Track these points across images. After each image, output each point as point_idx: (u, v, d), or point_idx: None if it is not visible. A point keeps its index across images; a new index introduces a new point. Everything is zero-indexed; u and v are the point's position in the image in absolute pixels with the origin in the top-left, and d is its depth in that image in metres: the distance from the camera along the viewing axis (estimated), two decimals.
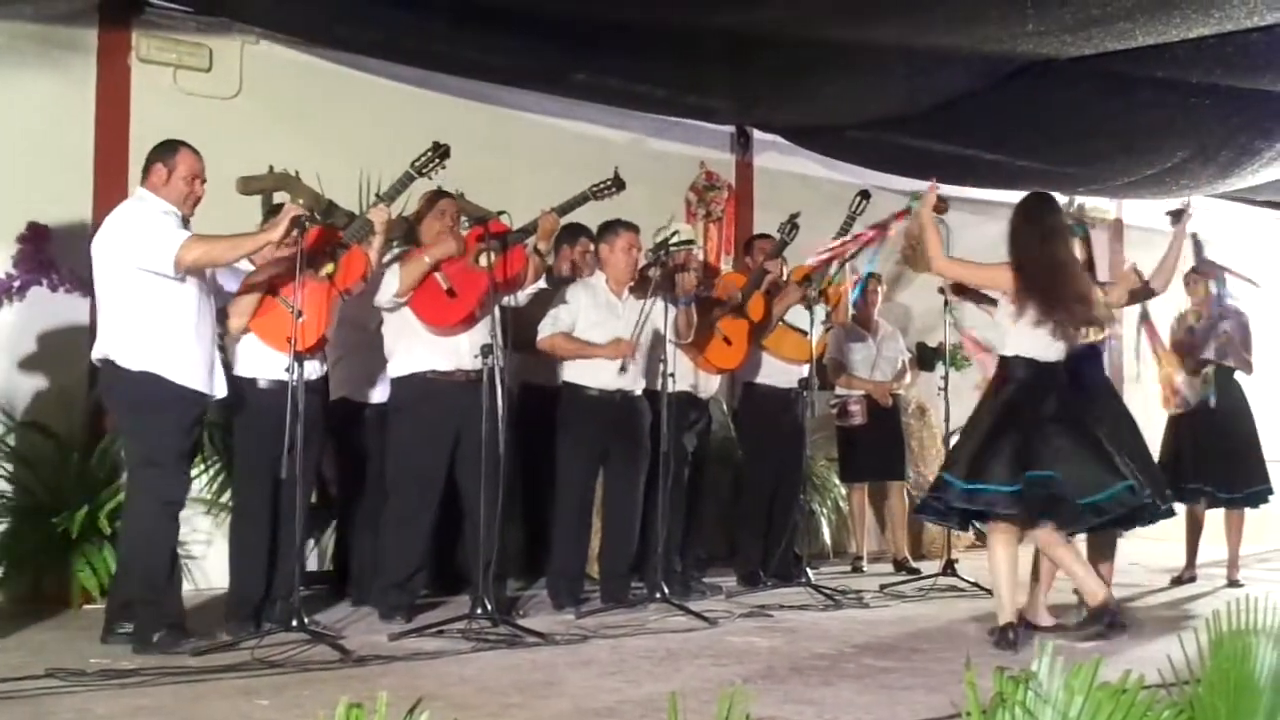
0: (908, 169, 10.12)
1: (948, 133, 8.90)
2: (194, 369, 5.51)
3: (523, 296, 6.57)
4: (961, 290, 6.75)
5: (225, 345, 5.86)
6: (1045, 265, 6.05)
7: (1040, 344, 6.06)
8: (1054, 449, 5.91)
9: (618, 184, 6.75)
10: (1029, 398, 6.04)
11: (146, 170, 5.66)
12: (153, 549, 5.48)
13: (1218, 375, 8.58)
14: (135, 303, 5.45)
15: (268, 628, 5.62)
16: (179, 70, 7.62)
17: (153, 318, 5.44)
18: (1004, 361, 6.18)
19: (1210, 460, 8.49)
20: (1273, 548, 11.54)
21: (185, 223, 5.65)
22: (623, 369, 6.84)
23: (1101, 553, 6.99)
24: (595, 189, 6.71)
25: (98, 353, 5.56)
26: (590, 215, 7.17)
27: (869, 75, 7.98)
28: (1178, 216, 7.09)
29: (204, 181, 5.74)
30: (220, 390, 5.67)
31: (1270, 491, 8.70)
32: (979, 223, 9.51)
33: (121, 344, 5.46)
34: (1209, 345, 8.57)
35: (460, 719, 4.08)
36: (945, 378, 8.73)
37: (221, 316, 5.78)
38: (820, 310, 7.75)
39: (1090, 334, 6.40)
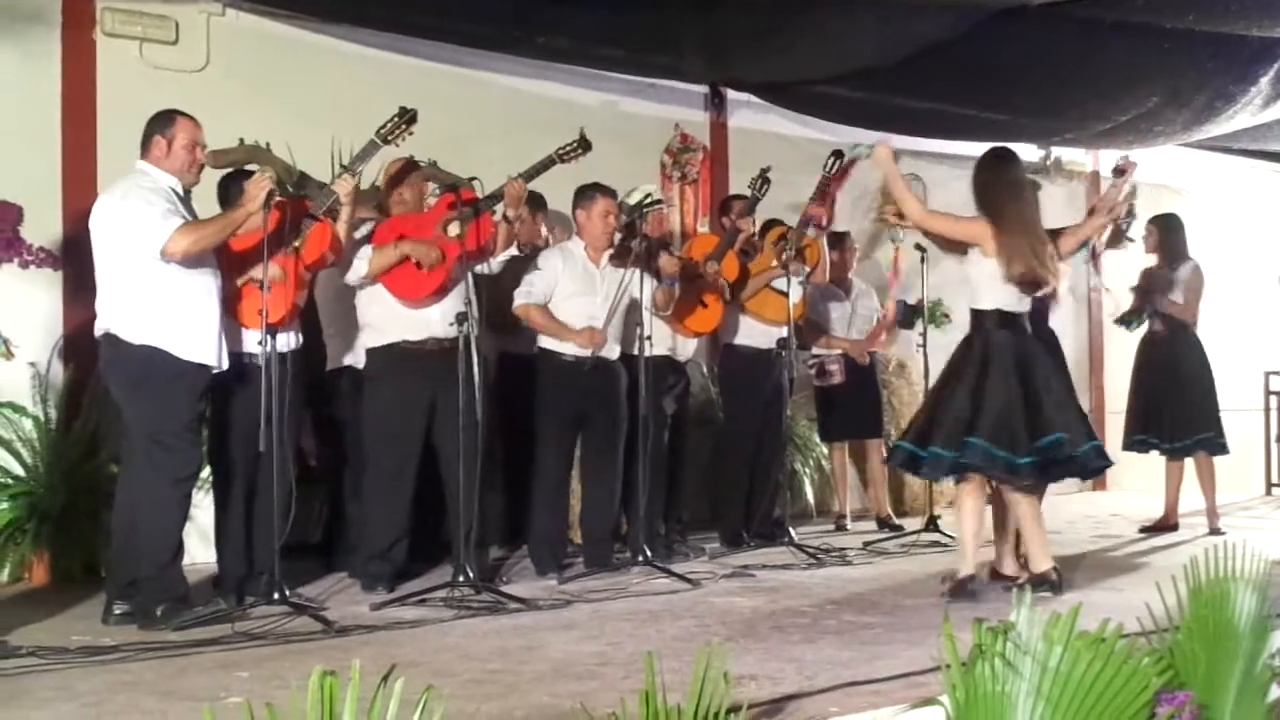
0: (882, 124, 10.07)
1: (921, 85, 8.85)
2: (197, 341, 5.48)
3: (495, 265, 6.53)
4: (946, 245, 6.72)
5: None
6: (1019, 219, 6.06)
7: (1012, 297, 6.11)
8: (1049, 409, 5.99)
9: (584, 145, 6.57)
10: (1006, 355, 6.05)
11: (146, 143, 5.60)
12: (160, 526, 5.45)
13: (1173, 328, 8.64)
14: (135, 277, 5.42)
15: (250, 600, 5.61)
16: (145, 43, 7.53)
17: (153, 292, 5.40)
18: (978, 315, 6.19)
19: (1163, 411, 8.58)
20: (1255, 495, 11.64)
21: (186, 195, 5.62)
22: (590, 355, 6.84)
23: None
24: (561, 152, 6.54)
25: (99, 328, 5.51)
26: (565, 180, 7.09)
27: (838, 26, 7.90)
28: (1120, 172, 7.06)
29: (205, 148, 5.72)
30: (225, 362, 5.62)
31: (1220, 438, 8.71)
32: (956, 177, 9.47)
33: (123, 318, 5.43)
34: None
35: (441, 686, 4.05)
36: (924, 334, 8.76)
37: None
38: (800, 270, 7.72)
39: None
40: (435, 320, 6.29)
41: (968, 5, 7.41)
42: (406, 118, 5.98)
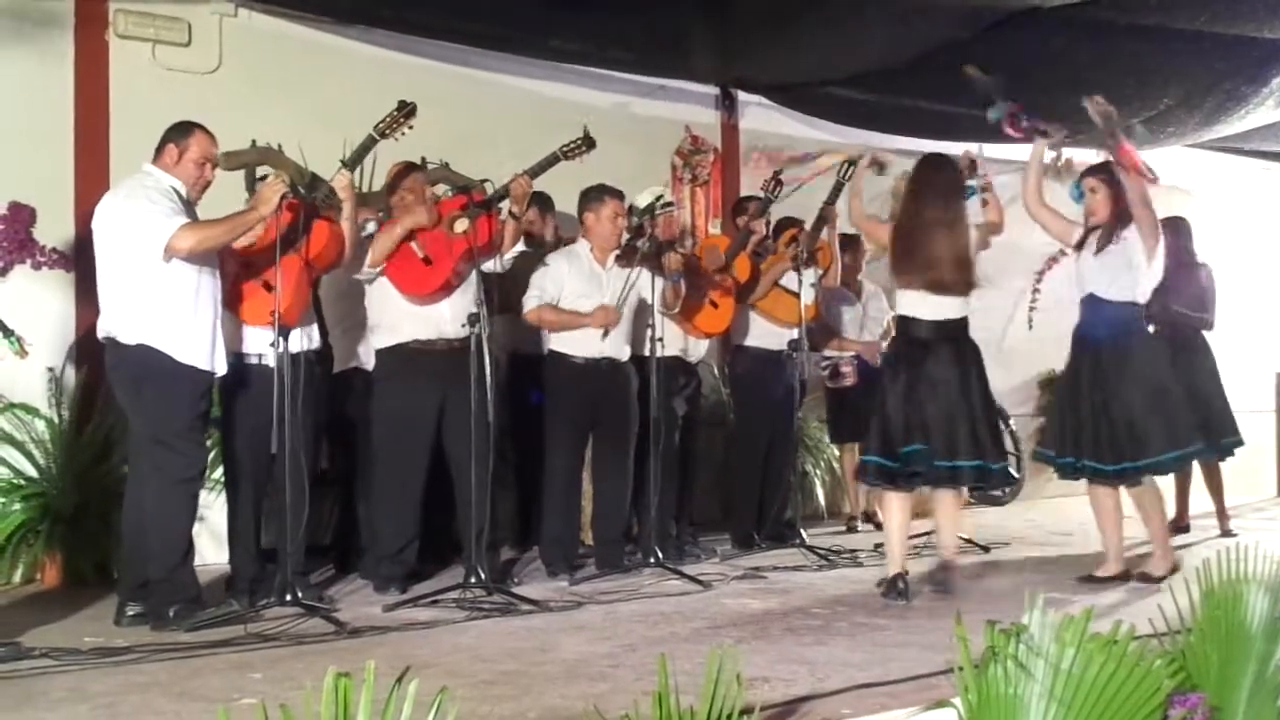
0: (892, 126, 10.06)
1: (930, 87, 8.83)
2: (194, 345, 5.47)
3: (505, 262, 6.53)
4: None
5: None
6: (910, 223, 6.19)
7: (915, 303, 6.21)
8: (923, 418, 6.11)
9: (588, 143, 6.50)
10: (908, 362, 6.19)
11: (159, 149, 5.61)
12: (169, 528, 5.46)
13: (1181, 332, 8.62)
14: (134, 279, 5.42)
15: (262, 602, 5.62)
16: (157, 45, 7.55)
17: (151, 293, 5.40)
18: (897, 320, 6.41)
19: None
20: (1267, 497, 11.61)
21: (189, 203, 5.61)
22: (605, 335, 6.82)
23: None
24: (565, 149, 6.47)
25: (101, 330, 5.53)
26: (574, 181, 7.09)
27: (849, 25, 7.89)
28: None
29: (215, 166, 5.72)
30: (221, 367, 5.60)
31: (1238, 442, 8.67)
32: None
33: (122, 320, 5.43)
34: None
35: (454, 687, 4.06)
36: None
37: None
38: (810, 273, 7.73)
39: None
40: (446, 319, 6.29)
41: (980, 6, 7.41)
42: (405, 111, 5.92)
